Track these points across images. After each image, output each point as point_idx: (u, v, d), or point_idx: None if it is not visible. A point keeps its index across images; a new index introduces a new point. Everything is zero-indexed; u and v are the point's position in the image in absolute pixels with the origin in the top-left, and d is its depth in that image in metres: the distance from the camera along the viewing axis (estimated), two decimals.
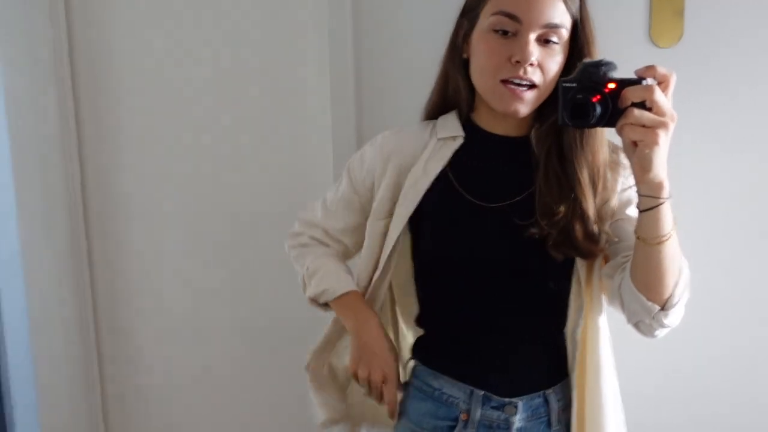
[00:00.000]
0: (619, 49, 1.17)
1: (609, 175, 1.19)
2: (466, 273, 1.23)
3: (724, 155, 1.54)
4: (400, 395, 1.28)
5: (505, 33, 1.14)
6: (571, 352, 1.22)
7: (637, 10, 1.52)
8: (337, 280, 1.33)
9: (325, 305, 1.36)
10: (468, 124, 1.29)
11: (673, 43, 1.52)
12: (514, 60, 1.14)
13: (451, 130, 1.28)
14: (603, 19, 1.27)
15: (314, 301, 1.36)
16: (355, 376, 1.28)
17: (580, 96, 1.00)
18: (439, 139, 1.28)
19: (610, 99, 0.99)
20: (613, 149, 1.21)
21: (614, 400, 1.25)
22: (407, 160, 1.29)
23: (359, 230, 1.37)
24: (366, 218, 1.35)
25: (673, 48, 1.52)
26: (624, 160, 1.18)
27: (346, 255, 1.42)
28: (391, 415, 1.27)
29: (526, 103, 1.17)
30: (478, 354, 1.25)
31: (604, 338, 1.23)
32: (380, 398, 1.26)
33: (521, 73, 1.14)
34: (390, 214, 1.30)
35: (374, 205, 1.32)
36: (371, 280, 1.33)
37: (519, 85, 1.15)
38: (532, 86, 1.16)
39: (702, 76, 1.52)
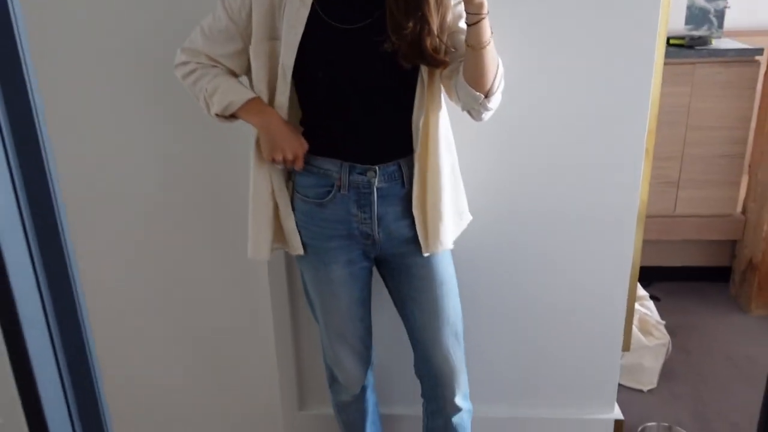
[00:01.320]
0: None
1: None
2: (334, 84, 1.52)
3: None
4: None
5: None
6: (415, 135, 1.55)
7: None
8: (238, 92, 1.54)
9: (231, 117, 1.58)
10: None
11: None
12: None
13: None
14: None
15: (221, 116, 1.57)
16: (272, 161, 1.55)
17: None
18: None
19: None
20: None
21: (451, 170, 1.63)
22: None
23: (241, 55, 1.57)
24: (245, 43, 1.55)
25: None
26: None
27: (233, 76, 1.61)
28: (300, 169, 1.58)
29: None
30: (345, 138, 1.57)
31: (443, 128, 1.58)
32: (292, 167, 1.58)
33: None
34: (273, 36, 1.51)
35: (253, 28, 1.51)
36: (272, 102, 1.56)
37: None
38: None
39: None
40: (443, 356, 1.71)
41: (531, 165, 1.88)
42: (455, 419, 1.78)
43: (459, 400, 1.76)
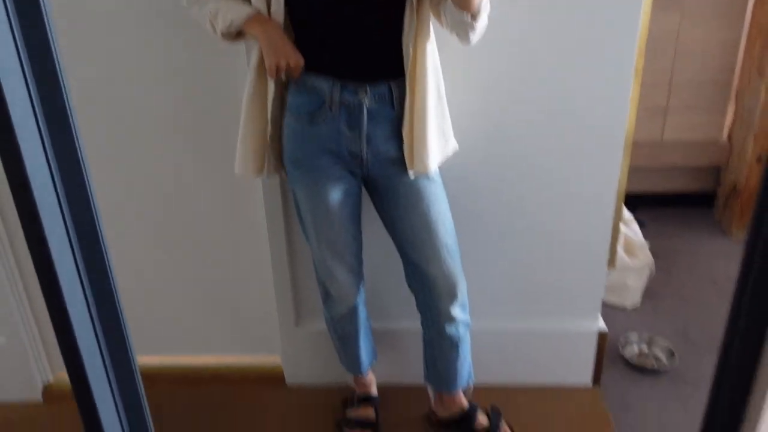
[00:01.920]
0: None
1: None
2: (324, 2, 1.56)
3: None
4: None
5: None
6: (406, 55, 1.59)
7: None
8: (239, 10, 1.59)
9: (238, 34, 1.63)
10: None
11: None
12: None
13: None
14: None
15: (226, 35, 1.62)
16: (274, 70, 1.57)
17: None
18: None
19: None
20: None
21: (437, 94, 1.67)
22: None
23: None
24: None
25: None
26: None
27: None
28: (298, 76, 1.62)
29: None
30: (336, 56, 1.61)
31: (431, 53, 1.62)
32: (289, 76, 1.62)
33: None
34: None
35: None
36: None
37: None
38: None
39: None
40: (439, 270, 1.77)
41: (520, 88, 1.91)
42: (449, 329, 1.85)
43: (455, 311, 1.83)
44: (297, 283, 2.20)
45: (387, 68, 1.62)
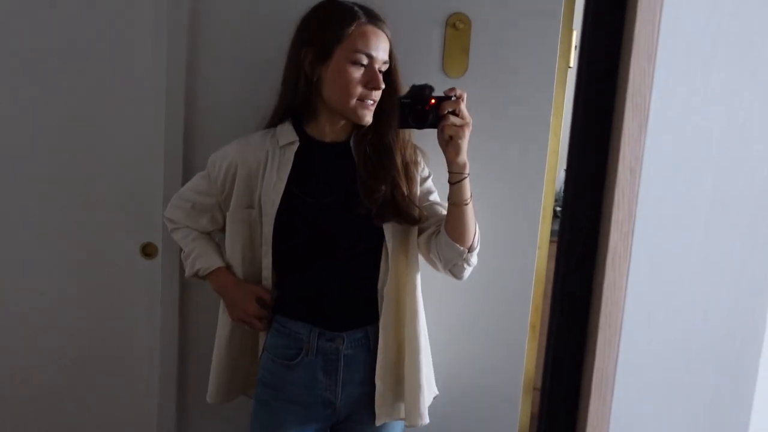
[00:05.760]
0: (422, 78, 1.57)
1: (412, 167, 1.62)
2: (306, 252, 1.63)
3: (500, 150, 1.88)
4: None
5: (359, 65, 1.53)
6: (380, 303, 1.62)
7: (433, 48, 1.83)
8: (206, 261, 1.70)
9: (203, 277, 1.72)
10: (301, 134, 1.64)
11: (460, 75, 1.84)
12: (370, 86, 1.55)
13: (288, 137, 1.64)
14: (409, 54, 1.69)
15: (193, 277, 1.73)
16: (239, 324, 1.68)
17: (419, 107, 1.49)
18: (281, 147, 1.63)
19: (433, 109, 1.49)
20: (414, 150, 1.66)
21: (425, 339, 1.66)
22: (254, 165, 1.64)
23: (214, 218, 1.73)
24: (222, 212, 1.70)
25: (461, 78, 1.84)
26: (419, 157, 1.66)
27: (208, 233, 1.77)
28: (260, 329, 1.70)
29: (372, 113, 1.58)
30: (316, 304, 1.64)
31: (415, 295, 1.64)
32: (257, 325, 1.67)
33: (374, 95, 1.57)
34: (248, 205, 1.65)
35: (234, 196, 1.65)
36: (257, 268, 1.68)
37: (370, 101, 1.57)
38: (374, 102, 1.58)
39: (482, 99, 1.82)
40: None
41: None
42: None
43: None
44: None
45: (364, 314, 1.64)
